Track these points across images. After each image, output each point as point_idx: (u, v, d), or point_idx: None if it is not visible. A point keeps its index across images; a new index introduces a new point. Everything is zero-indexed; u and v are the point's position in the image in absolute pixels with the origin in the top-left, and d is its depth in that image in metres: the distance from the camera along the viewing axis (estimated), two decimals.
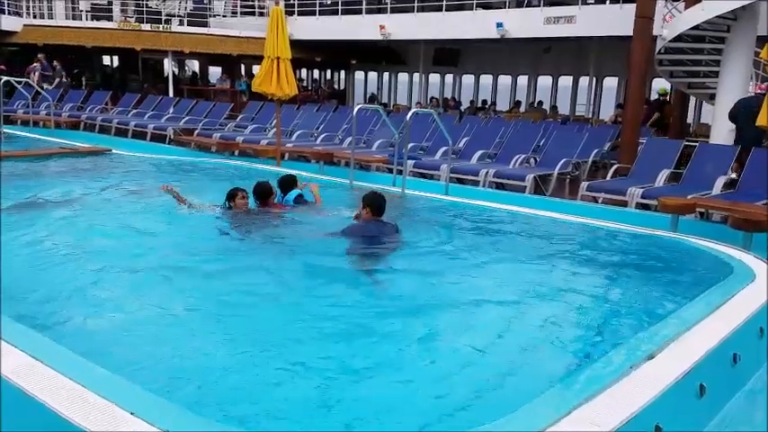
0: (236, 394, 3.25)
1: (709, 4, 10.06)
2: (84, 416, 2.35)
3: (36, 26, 20.10)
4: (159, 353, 3.65)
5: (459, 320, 4.39)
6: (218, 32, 20.27)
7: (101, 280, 4.87)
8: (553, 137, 11.80)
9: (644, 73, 10.90)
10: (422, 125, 12.56)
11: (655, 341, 3.36)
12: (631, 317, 4.52)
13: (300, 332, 4.04)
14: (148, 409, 2.42)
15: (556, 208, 7.71)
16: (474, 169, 10.35)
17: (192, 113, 16.20)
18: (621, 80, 18.90)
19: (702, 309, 3.94)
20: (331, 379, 3.42)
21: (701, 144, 10.25)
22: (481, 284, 5.29)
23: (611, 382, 2.84)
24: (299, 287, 5.13)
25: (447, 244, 6.45)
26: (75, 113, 17.02)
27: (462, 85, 24.01)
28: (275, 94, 10.33)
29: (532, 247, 6.52)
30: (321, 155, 10.82)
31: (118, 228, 6.42)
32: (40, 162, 10.36)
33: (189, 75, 26.71)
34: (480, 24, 16.66)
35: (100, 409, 2.40)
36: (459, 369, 3.63)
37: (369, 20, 18.82)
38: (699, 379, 3.10)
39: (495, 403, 3.17)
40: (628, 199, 8.54)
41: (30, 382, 2.58)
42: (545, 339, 4.11)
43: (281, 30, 9.97)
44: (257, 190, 6.77)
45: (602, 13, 14.70)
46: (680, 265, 5.84)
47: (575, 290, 5.20)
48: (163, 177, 9.50)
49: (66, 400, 2.45)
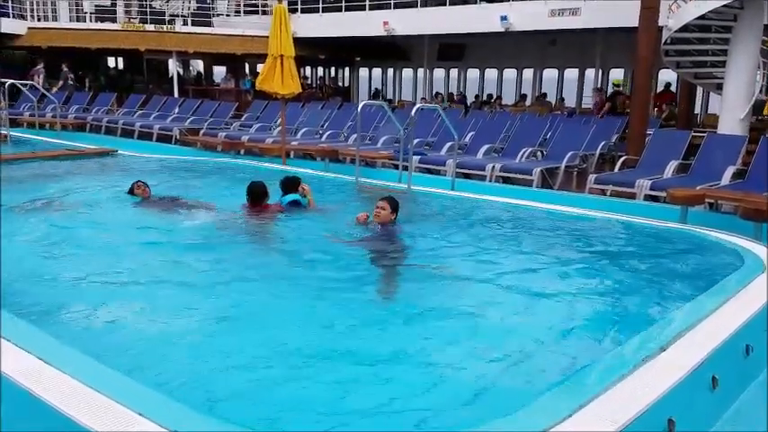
0: (243, 393, 3.23)
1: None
2: (91, 416, 2.34)
3: (40, 29, 20.15)
4: (168, 353, 3.65)
5: (467, 316, 4.36)
6: (222, 32, 20.27)
7: (110, 281, 4.87)
8: (560, 130, 11.75)
9: (650, 64, 10.81)
10: (427, 120, 12.52)
11: (666, 334, 3.32)
12: (643, 309, 4.49)
13: (310, 329, 4.04)
14: (156, 410, 2.41)
15: (564, 201, 7.66)
16: (480, 164, 10.31)
17: (197, 113, 16.23)
18: (628, 72, 18.80)
19: (714, 300, 3.90)
20: (337, 378, 3.41)
21: (709, 134, 10.17)
22: (490, 279, 5.25)
23: (622, 376, 2.80)
24: (309, 286, 5.11)
25: (455, 239, 6.41)
26: (81, 115, 17.09)
27: (467, 79, 23.93)
28: (279, 92, 10.32)
29: (541, 240, 6.48)
30: (326, 152, 10.80)
31: (126, 229, 6.43)
32: (47, 164, 10.38)
33: (194, 75, 26.75)
34: (484, 18, 16.58)
35: (107, 410, 2.39)
36: (467, 365, 3.61)
37: (372, 16, 18.77)
38: (711, 371, 3.06)
39: (506, 399, 3.14)
40: (636, 191, 8.48)
41: (37, 383, 2.57)
42: (553, 333, 4.09)
43: (285, 28, 9.96)
44: (249, 189, 6.72)
45: (607, 5, 14.58)
46: (690, 256, 5.79)
47: (584, 282, 5.17)
48: (170, 177, 9.54)
49: (72, 400, 2.44)
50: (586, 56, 19.19)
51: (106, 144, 12.56)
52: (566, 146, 10.76)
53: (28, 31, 19.97)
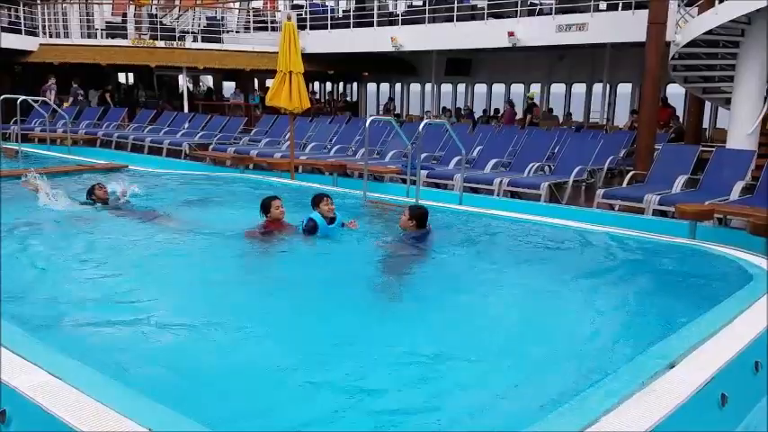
0: (251, 406, 3.24)
1: (722, 8, 9.97)
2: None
3: (52, 45, 20.37)
4: (180, 366, 3.67)
5: (475, 331, 4.37)
6: (232, 48, 20.44)
7: (126, 297, 4.90)
8: (567, 144, 11.76)
9: (658, 79, 10.83)
10: (435, 135, 12.56)
11: (674, 350, 3.31)
12: (650, 326, 4.46)
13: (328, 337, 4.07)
14: (164, 425, 2.43)
15: (572, 216, 7.66)
16: (488, 178, 10.32)
17: (206, 128, 16.35)
18: (635, 86, 18.80)
19: (723, 316, 3.88)
20: (352, 385, 3.43)
21: (718, 149, 10.16)
22: (498, 294, 5.26)
23: (629, 393, 2.80)
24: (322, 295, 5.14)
25: (461, 252, 6.43)
26: (92, 130, 17.24)
27: (475, 93, 23.99)
28: (288, 108, 10.39)
29: (548, 255, 6.48)
30: (334, 167, 10.85)
31: (140, 243, 6.49)
32: (58, 179, 10.46)
33: (204, 90, 26.95)
34: (492, 34, 16.65)
35: (115, 423, 2.41)
36: (473, 381, 3.61)
37: (380, 32, 18.88)
38: (720, 388, 3.05)
39: (506, 421, 3.14)
40: (645, 206, 8.47)
41: (49, 398, 2.60)
42: (559, 351, 4.07)
43: (294, 44, 10.05)
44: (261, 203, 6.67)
45: (614, 20, 14.63)
46: (699, 272, 5.76)
47: (591, 298, 5.15)
48: (178, 192, 9.60)
49: (79, 414, 2.46)
50: (594, 70, 19.23)
51: (116, 159, 12.65)
52: (573, 160, 10.76)
53: (39, 48, 20.19)
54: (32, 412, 2.56)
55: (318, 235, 6.35)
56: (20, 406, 2.62)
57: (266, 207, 6.50)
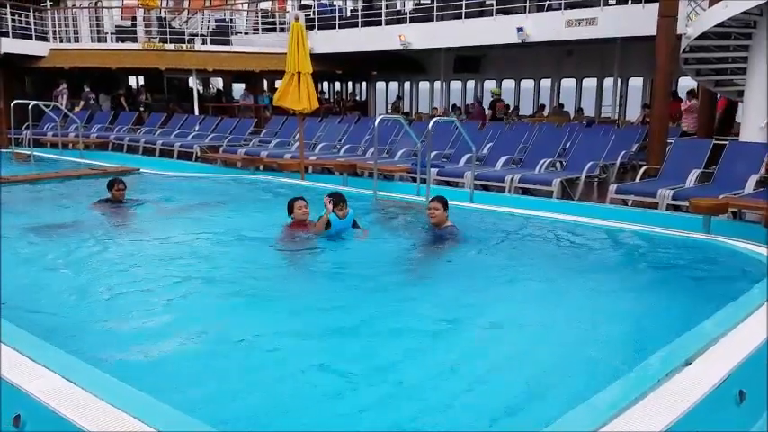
0: (266, 409, 3.24)
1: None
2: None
3: (62, 50, 20.50)
4: (198, 371, 3.68)
5: (489, 330, 4.34)
6: (240, 50, 20.49)
7: (138, 300, 4.92)
8: (579, 140, 11.68)
9: (669, 73, 10.73)
10: (444, 133, 12.52)
11: (691, 347, 3.27)
12: (666, 322, 4.42)
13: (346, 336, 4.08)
14: (171, 425, 2.43)
15: (584, 212, 7.60)
16: (499, 175, 10.27)
17: (216, 130, 16.40)
18: (647, 80, 18.66)
19: (739, 312, 3.83)
20: (364, 382, 3.45)
21: (731, 142, 10.05)
22: (512, 291, 5.24)
23: (646, 391, 2.77)
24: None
25: (476, 252, 6.39)
26: (104, 134, 17.35)
27: (485, 90, 23.91)
28: (297, 109, 10.39)
29: (562, 252, 6.44)
30: (344, 166, 10.84)
31: (155, 247, 6.51)
32: (70, 183, 10.54)
33: (213, 92, 27.01)
34: (501, 30, 16.57)
35: (130, 427, 2.40)
36: (483, 382, 3.59)
37: (389, 30, 18.86)
38: (738, 385, 3.00)
39: (520, 420, 3.11)
40: (658, 201, 8.39)
41: (60, 402, 2.60)
42: (575, 348, 4.04)
43: (302, 45, 10.04)
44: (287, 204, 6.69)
45: (624, 14, 14.51)
46: (714, 267, 5.71)
47: (607, 295, 5.12)
48: (191, 194, 9.63)
49: (91, 417, 2.46)
50: (605, 65, 19.10)
51: (128, 162, 12.71)
52: (585, 156, 10.68)
53: (50, 53, 20.32)
54: (44, 415, 2.56)
55: (332, 231, 6.34)
56: (32, 409, 2.62)
57: (290, 208, 6.52)
